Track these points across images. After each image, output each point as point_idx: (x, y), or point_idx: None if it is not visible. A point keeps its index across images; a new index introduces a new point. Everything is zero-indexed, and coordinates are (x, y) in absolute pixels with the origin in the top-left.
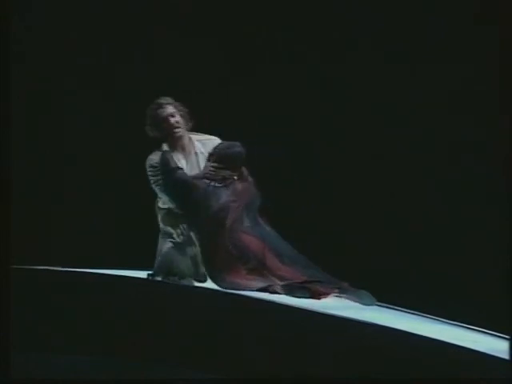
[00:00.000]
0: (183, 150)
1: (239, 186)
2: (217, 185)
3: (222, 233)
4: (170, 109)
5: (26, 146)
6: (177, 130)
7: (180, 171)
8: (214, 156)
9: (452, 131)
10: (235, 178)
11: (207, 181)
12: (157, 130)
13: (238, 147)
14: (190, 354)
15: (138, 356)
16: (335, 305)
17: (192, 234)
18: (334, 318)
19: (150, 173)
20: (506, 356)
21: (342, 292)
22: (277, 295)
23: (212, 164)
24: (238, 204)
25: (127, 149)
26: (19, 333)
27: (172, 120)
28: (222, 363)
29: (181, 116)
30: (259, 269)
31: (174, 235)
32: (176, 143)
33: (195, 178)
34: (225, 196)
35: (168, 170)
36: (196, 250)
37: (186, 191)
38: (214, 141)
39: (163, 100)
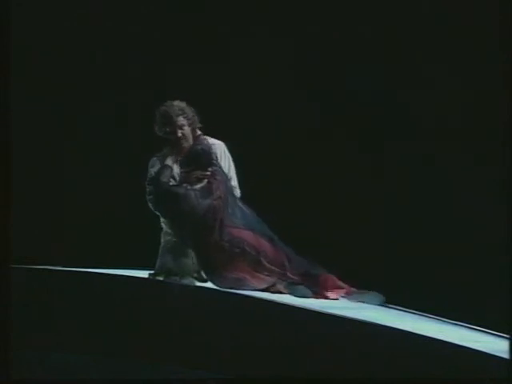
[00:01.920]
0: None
1: (214, 181)
2: (195, 187)
3: (213, 233)
4: (180, 120)
5: (27, 146)
6: (182, 141)
7: (165, 185)
8: (183, 161)
9: (452, 132)
10: (208, 174)
11: (185, 184)
12: (163, 135)
13: (197, 145)
14: (190, 354)
15: (138, 356)
16: (335, 305)
17: (187, 239)
18: (334, 318)
19: (146, 182)
20: (506, 356)
21: (348, 295)
22: (277, 295)
23: (183, 170)
24: (220, 200)
25: (127, 148)
26: (19, 333)
27: (179, 133)
28: (222, 363)
29: (189, 125)
30: (258, 260)
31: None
32: (180, 151)
33: (175, 186)
34: (206, 196)
35: (156, 185)
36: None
37: (170, 203)
38: (219, 145)
39: (175, 108)
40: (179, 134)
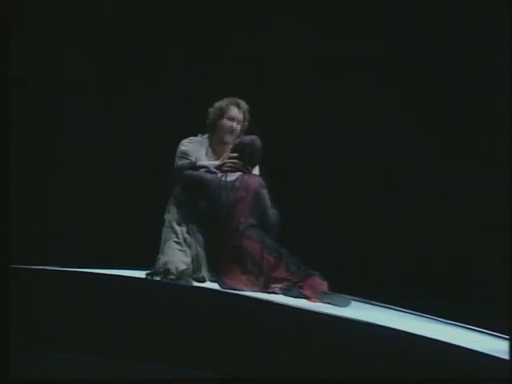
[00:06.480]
0: (216, 153)
1: (248, 178)
2: (228, 177)
3: (225, 235)
4: (241, 117)
5: (26, 146)
6: (228, 135)
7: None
8: (232, 146)
9: (452, 132)
10: (245, 169)
11: (220, 174)
12: (214, 119)
13: (246, 137)
14: (190, 354)
15: (138, 356)
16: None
17: (197, 232)
18: (334, 318)
19: (177, 157)
20: (506, 356)
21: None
22: (275, 295)
23: (229, 154)
24: (245, 202)
25: (127, 148)
26: (19, 333)
27: (234, 125)
28: (222, 363)
29: (241, 129)
30: (254, 272)
31: (179, 233)
32: (219, 141)
33: (209, 171)
34: (233, 192)
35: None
36: (198, 250)
37: (198, 186)
38: None
39: (244, 105)
40: (234, 127)
